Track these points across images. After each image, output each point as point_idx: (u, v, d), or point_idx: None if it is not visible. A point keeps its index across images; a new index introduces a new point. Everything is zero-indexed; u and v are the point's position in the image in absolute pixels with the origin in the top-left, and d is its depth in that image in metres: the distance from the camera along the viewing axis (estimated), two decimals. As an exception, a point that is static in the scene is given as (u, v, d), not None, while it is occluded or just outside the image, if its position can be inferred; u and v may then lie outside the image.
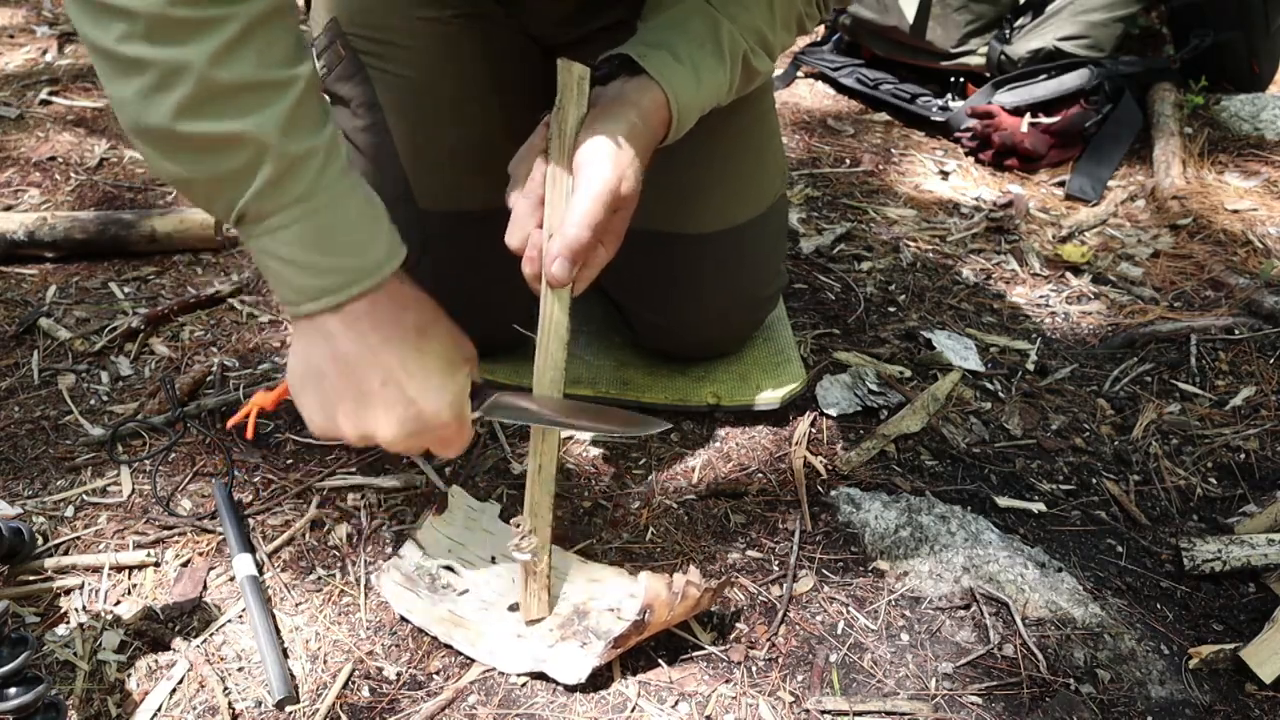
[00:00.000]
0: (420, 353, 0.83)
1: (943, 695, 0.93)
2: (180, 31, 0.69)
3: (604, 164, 0.86)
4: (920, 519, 1.11)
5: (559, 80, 0.90)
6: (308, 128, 0.75)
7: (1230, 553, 1.10)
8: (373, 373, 0.81)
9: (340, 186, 0.78)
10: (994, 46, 2.22)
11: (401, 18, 1.12)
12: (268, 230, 0.77)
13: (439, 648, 0.95)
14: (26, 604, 0.99)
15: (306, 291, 0.79)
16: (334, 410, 0.83)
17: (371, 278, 0.80)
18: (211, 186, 0.75)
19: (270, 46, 0.73)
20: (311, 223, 0.76)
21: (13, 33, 2.40)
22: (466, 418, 0.87)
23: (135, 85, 0.71)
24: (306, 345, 0.82)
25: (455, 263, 1.19)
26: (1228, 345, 1.47)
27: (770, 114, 1.28)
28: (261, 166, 0.73)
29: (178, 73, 0.70)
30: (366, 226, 0.80)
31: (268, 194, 0.75)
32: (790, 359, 1.33)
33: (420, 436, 0.85)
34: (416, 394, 0.82)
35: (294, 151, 0.74)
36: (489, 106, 1.14)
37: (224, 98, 0.71)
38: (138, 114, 0.72)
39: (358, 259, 0.79)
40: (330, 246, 0.78)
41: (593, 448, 1.23)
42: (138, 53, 0.70)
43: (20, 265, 1.54)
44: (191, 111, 0.71)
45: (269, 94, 0.73)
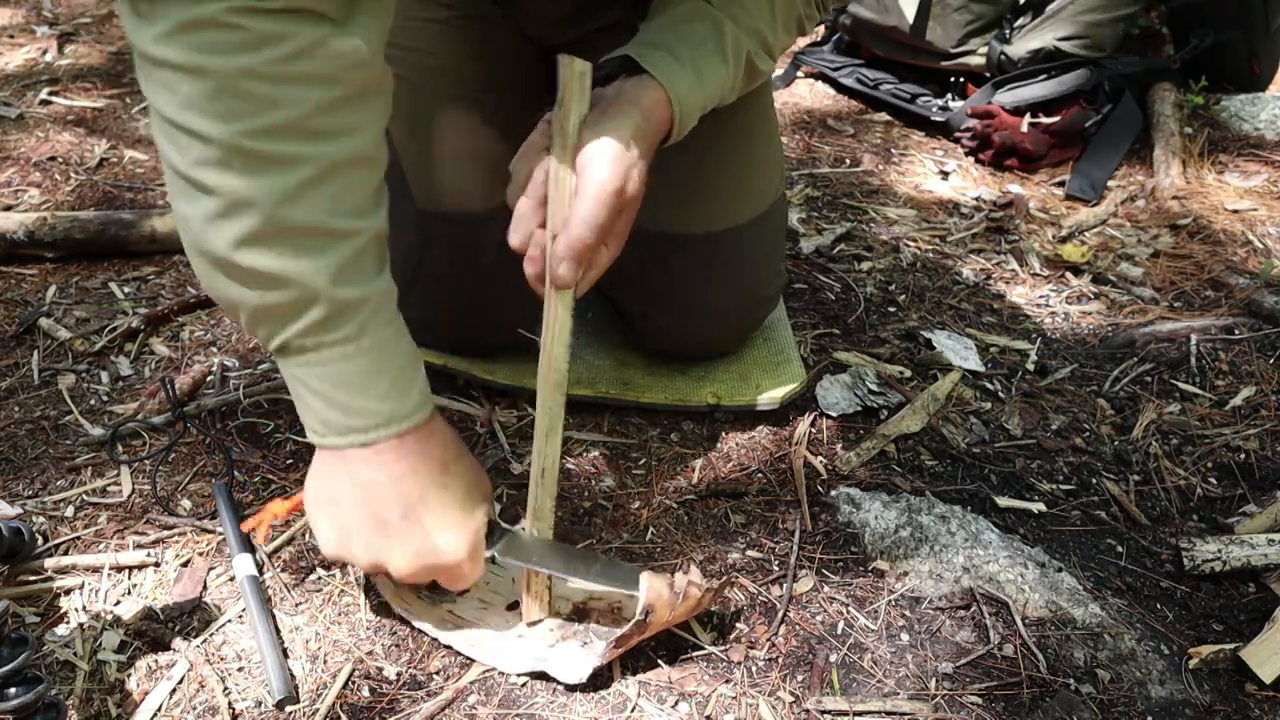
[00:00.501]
0: (442, 489, 0.83)
1: (943, 695, 0.93)
2: (254, 165, 0.70)
3: (608, 165, 0.85)
4: (920, 519, 1.11)
5: (560, 77, 0.89)
6: (364, 277, 0.77)
7: (1230, 553, 1.10)
8: (394, 505, 0.82)
9: (385, 334, 0.79)
10: (994, 46, 2.22)
11: (402, 18, 1.12)
12: (305, 364, 0.78)
13: (439, 648, 0.95)
14: (26, 604, 0.99)
15: (335, 426, 0.80)
16: (349, 537, 0.84)
17: (403, 424, 0.80)
18: (258, 315, 0.76)
19: (343, 194, 0.74)
20: (352, 365, 0.77)
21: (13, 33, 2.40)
22: (480, 557, 0.87)
23: (201, 209, 0.72)
24: (328, 472, 0.83)
25: (455, 263, 1.19)
26: (1228, 345, 1.47)
27: (770, 114, 1.28)
28: (311, 307, 0.74)
29: (245, 205, 0.70)
30: (405, 374, 0.81)
31: (312, 333, 0.76)
32: (790, 359, 1.33)
33: (432, 571, 0.86)
34: (434, 529, 0.83)
35: (344, 298, 0.75)
36: (487, 106, 1.14)
37: (285, 238, 0.72)
38: (199, 236, 0.73)
39: (392, 405, 0.80)
40: (367, 391, 0.79)
41: (591, 448, 1.23)
42: (207, 179, 0.70)
43: (20, 265, 1.54)
44: (252, 244, 0.72)
45: (331, 242, 0.74)
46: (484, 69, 1.14)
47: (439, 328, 1.26)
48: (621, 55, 0.93)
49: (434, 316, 1.24)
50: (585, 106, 0.89)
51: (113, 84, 2.17)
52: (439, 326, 1.25)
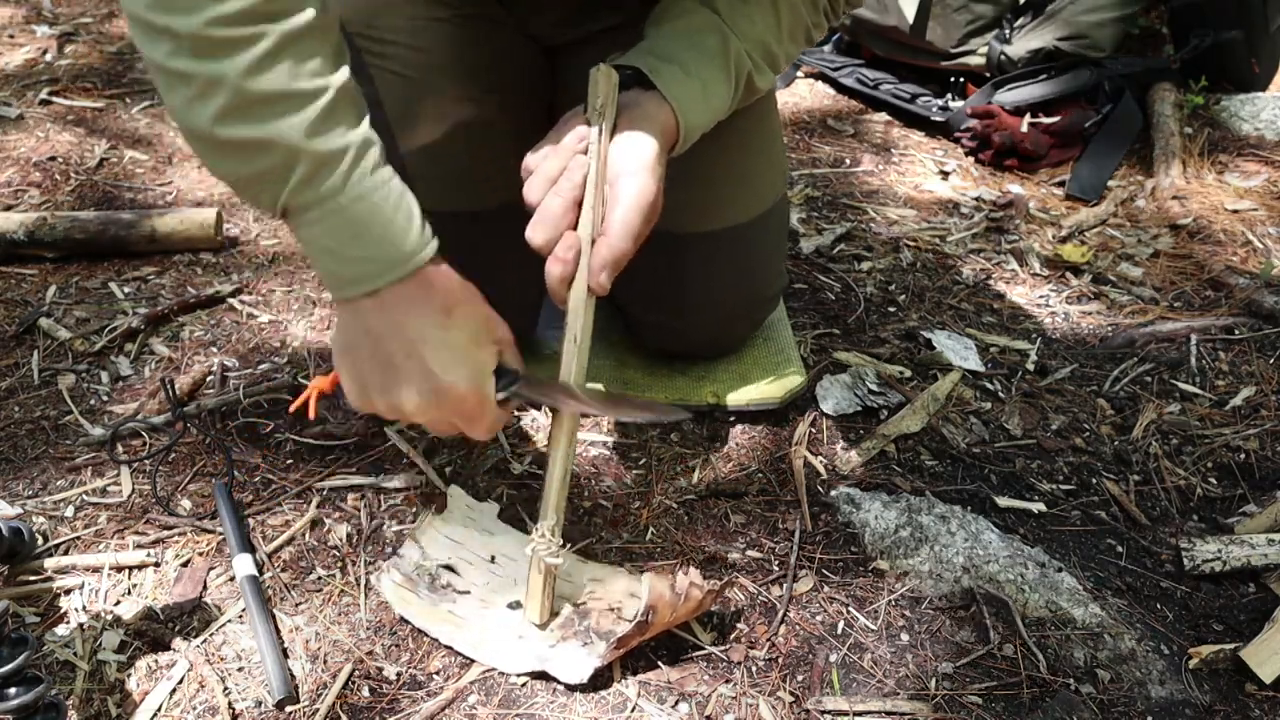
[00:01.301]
0: (444, 329, 0.86)
1: (943, 695, 0.93)
2: (218, 48, 0.76)
3: (646, 178, 0.91)
4: (920, 519, 1.11)
5: (596, 87, 0.93)
6: (338, 130, 0.81)
7: (1230, 553, 1.10)
8: (398, 346, 0.86)
9: (371, 182, 0.82)
10: (994, 46, 2.22)
11: (403, 17, 1.12)
12: (306, 223, 0.82)
13: (439, 648, 0.95)
14: (26, 604, 0.99)
15: (344, 278, 0.84)
16: (367, 384, 0.88)
17: (402, 268, 0.84)
18: (255, 183, 0.82)
19: (301, 59, 0.79)
20: (343, 216, 0.82)
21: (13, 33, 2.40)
22: (487, 394, 0.89)
23: (181, 95, 0.78)
24: (345, 323, 0.88)
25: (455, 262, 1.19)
26: (1228, 345, 1.47)
27: (771, 115, 1.28)
28: (295, 166, 0.79)
29: (215, 85, 0.76)
30: (399, 221, 0.84)
31: (301, 190, 0.80)
32: (790, 359, 1.33)
33: (441, 408, 0.88)
34: (436, 367, 0.86)
35: (322, 151, 0.80)
36: (490, 106, 1.14)
37: (256, 106, 0.78)
38: (185, 120, 0.79)
39: (390, 250, 0.84)
40: (363, 239, 0.83)
41: (591, 448, 1.23)
42: (182, 67, 0.77)
43: (20, 265, 1.54)
44: (228, 118, 0.78)
45: (298, 102, 0.78)
46: (485, 68, 1.14)
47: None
48: (633, 66, 0.95)
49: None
50: (613, 115, 0.93)
51: (113, 84, 2.17)
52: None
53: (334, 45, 0.83)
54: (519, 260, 0.95)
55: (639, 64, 0.96)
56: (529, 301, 1.28)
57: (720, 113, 1.02)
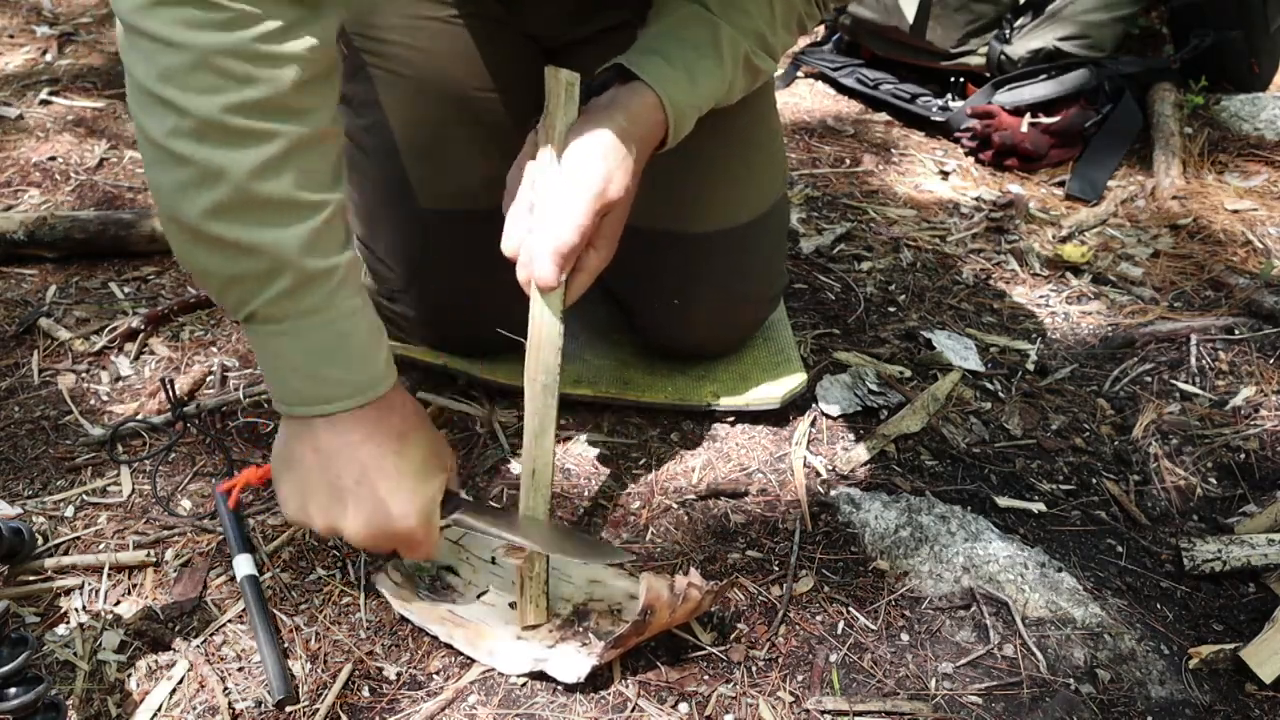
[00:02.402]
0: (398, 456, 0.85)
1: (943, 695, 0.93)
2: (227, 138, 0.72)
3: (590, 167, 0.87)
4: (920, 519, 1.11)
5: (547, 87, 0.91)
6: (330, 249, 0.79)
7: (1230, 553, 1.10)
8: (348, 469, 0.84)
9: (352, 304, 0.81)
10: (994, 46, 2.22)
11: (403, 17, 1.12)
12: (274, 333, 0.80)
13: (439, 648, 0.95)
14: (26, 604, 0.99)
15: (302, 396, 0.82)
16: (306, 500, 0.86)
17: (366, 394, 0.83)
18: (228, 283, 0.79)
19: (310, 168, 0.76)
20: (319, 335, 0.80)
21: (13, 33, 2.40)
22: (434, 525, 0.89)
23: (174, 177, 0.74)
24: (291, 438, 0.86)
25: (455, 262, 1.19)
26: (1228, 345, 1.47)
27: (771, 114, 1.28)
28: (279, 277, 0.77)
29: (217, 177, 0.73)
30: (370, 346, 0.83)
31: (281, 302, 0.78)
32: (790, 359, 1.33)
33: (385, 537, 0.87)
34: (387, 495, 0.84)
35: (312, 269, 0.77)
36: (489, 105, 1.14)
37: (255, 209, 0.74)
38: (172, 204, 0.75)
39: (357, 375, 0.83)
40: (333, 360, 0.81)
41: (591, 448, 1.23)
42: (183, 150, 0.72)
43: (20, 265, 1.54)
44: (222, 215, 0.74)
45: (299, 213, 0.76)
46: (486, 68, 1.14)
47: (439, 327, 1.26)
48: (615, 64, 0.94)
49: (434, 315, 1.24)
50: (572, 115, 0.91)
51: (113, 84, 2.16)
52: (439, 325, 1.25)
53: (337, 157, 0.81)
54: (516, 261, 0.95)
55: (619, 61, 0.94)
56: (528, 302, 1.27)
57: (716, 92, 0.99)
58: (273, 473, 0.89)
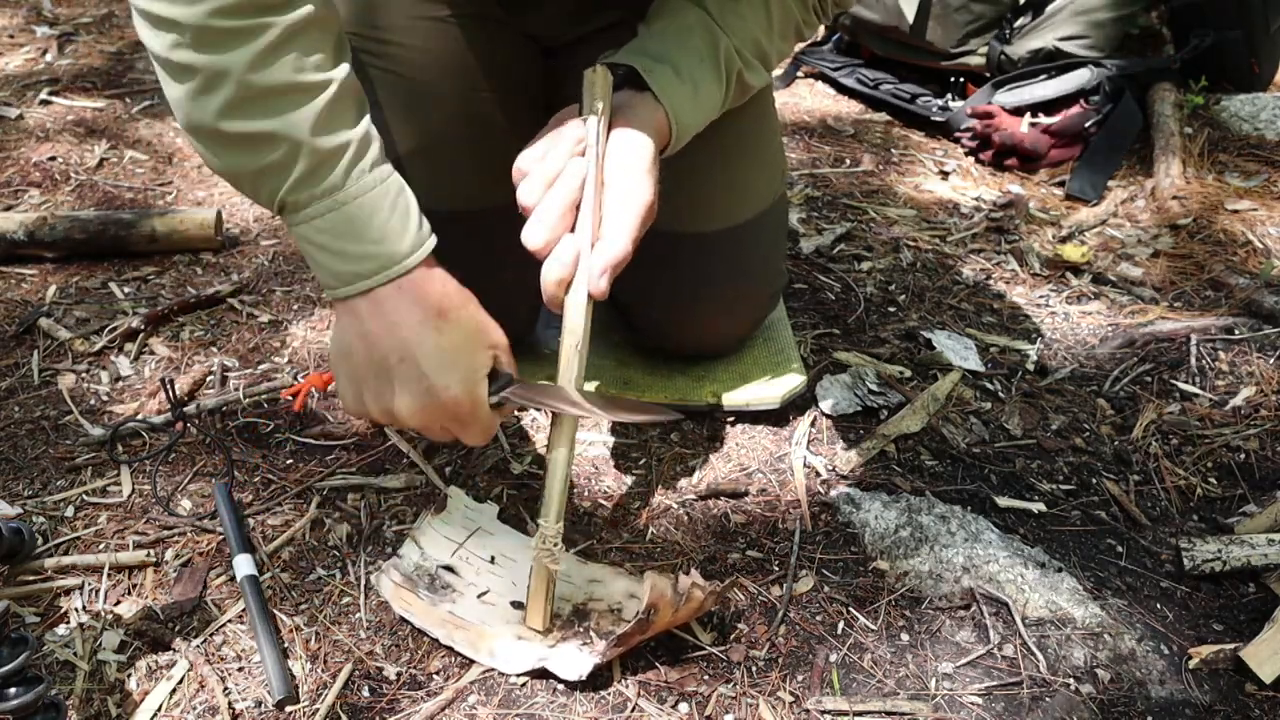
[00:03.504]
0: (438, 332, 0.86)
1: (943, 695, 0.93)
2: (221, 40, 0.76)
3: (642, 181, 0.91)
4: (920, 519, 1.11)
5: (593, 88, 0.93)
6: (340, 125, 0.81)
7: (1230, 553, 1.10)
8: (392, 349, 0.85)
9: (370, 179, 0.83)
10: (994, 46, 2.22)
11: (402, 17, 1.12)
12: (305, 219, 0.82)
13: (439, 648, 0.95)
14: (26, 604, 0.99)
15: (341, 277, 0.84)
16: (361, 388, 0.88)
17: (398, 266, 0.84)
18: (256, 178, 0.82)
19: (305, 53, 0.79)
20: (342, 212, 0.82)
21: (13, 33, 2.40)
22: (480, 398, 0.88)
23: (185, 88, 0.78)
24: (341, 325, 0.88)
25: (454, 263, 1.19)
26: (1228, 345, 1.47)
27: (770, 114, 1.28)
28: (296, 160, 0.79)
29: (220, 77, 0.77)
30: (396, 218, 0.84)
31: (302, 185, 0.81)
32: (790, 359, 1.33)
33: (434, 413, 0.87)
34: (429, 370, 0.85)
35: (325, 147, 0.80)
36: (488, 106, 1.14)
37: (261, 100, 0.78)
38: (188, 113, 0.79)
39: (386, 248, 0.84)
40: (360, 236, 0.83)
41: (591, 448, 1.23)
42: (186, 59, 0.77)
43: (20, 265, 1.54)
44: (232, 112, 0.78)
45: (302, 96, 0.79)
46: (485, 68, 1.14)
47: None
48: (627, 66, 0.94)
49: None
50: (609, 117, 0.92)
51: (113, 84, 2.17)
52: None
53: (335, 39, 0.83)
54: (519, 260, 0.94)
55: (633, 63, 0.95)
56: (529, 301, 1.27)
57: (712, 113, 1.02)
58: (331, 366, 0.90)
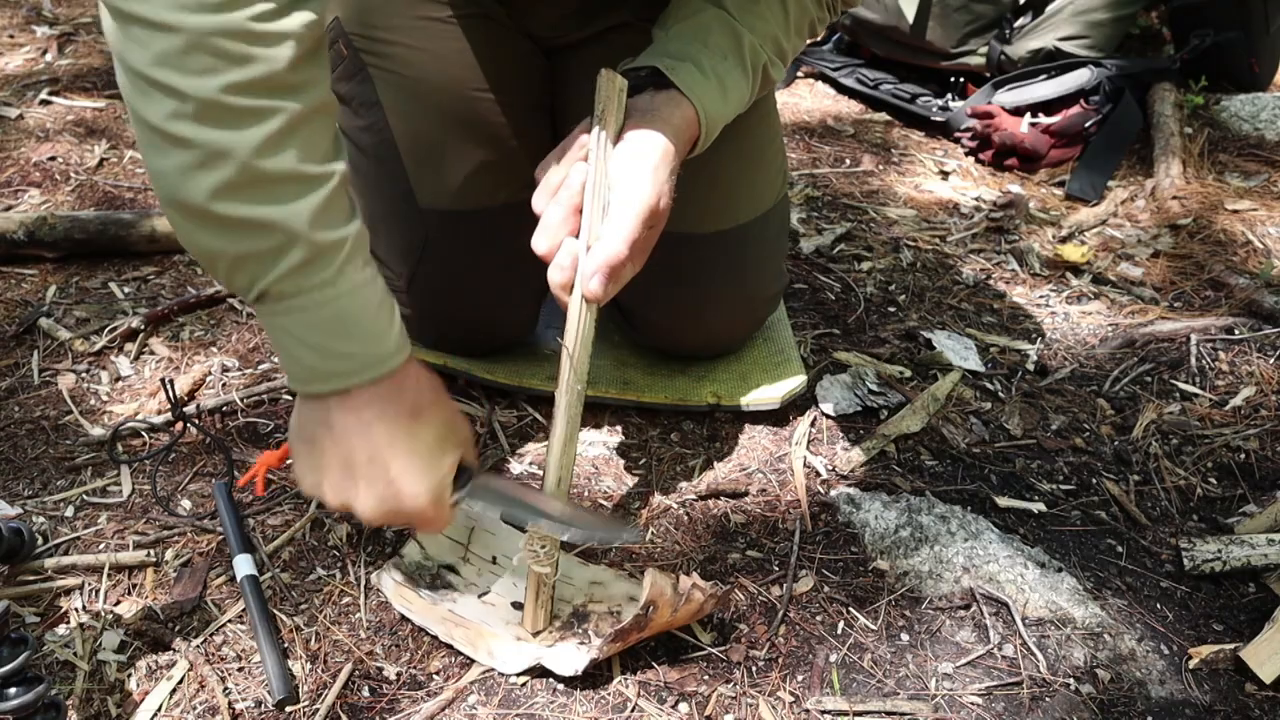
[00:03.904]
0: (410, 435, 0.84)
1: (943, 695, 0.93)
2: (229, 118, 0.72)
3: (645, 182, 0.88)
4: (920, 519, 1.11)
5: (601, 91, 0.92)
6: (337, 220, 0.78)
7: (1230, 553, 1.10)
8: (361, 448, 0.83)
9: (362, 277, 0.80)
10: (994, 46, 2.22)
11: (403, 17, 1.12)
12: (287, 310, 0.79)
13: (439, 648, 0.95)
14: (26, 604, 0.99)
15: (317, 373, 0.82)
16: (321, 477, 0.86)
17: (381, 368, 0.82)
18: (235, 263, 0.78)
19: (311, 141, 0.76)
20: (331, 309, 0.79)
21: (13, 33, 2.40)
22: (445, 503, 0.88)
23: (176, 161, 0.73)
24: (305, 416, 0.85)
25: (455, 262, 1.19)
26: (1228, 345, 1.47)
27: (772, 116, 1.28)
28: (289, 251, 0.76)
29: (221, 157, 0.72)
30: (383, 318, 0.83)
31: (292, 278, 0.77)
32: (790, 359, 1.33)
33: (396, 515, 0.86)
34: (398, 474, 0.84)
35: (322, 241, 0.77)
36: (490, 106, 1.14)
37: (263, 186, 0.74)
38: (175, 188, 0.75)
39: (370, 349, 0.82)
40: (346, 334, 0.81)
41: (591, 448, 1.23)
42: (183, 132, 0.72)
43: (20, 265, 1.53)
44: (229, 195, 0.74)
45: (305, 186, 0.76)
46: (486, 68, 1.14)
47: (439, 326, 1.26)
48: (650, 67, 0.94)
49: (434, 315, 1.24)
50: (621, 120, 0.91)
51: (112, 84, 2.16)
52: (439, 325, 1.25)
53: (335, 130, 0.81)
54: (519, 260, 0.94)
55: (654, 64, 0.94)
56: (529, 302, 1.28)
57: (741, 104, 1.01)
58: (290, 450, 0.89)
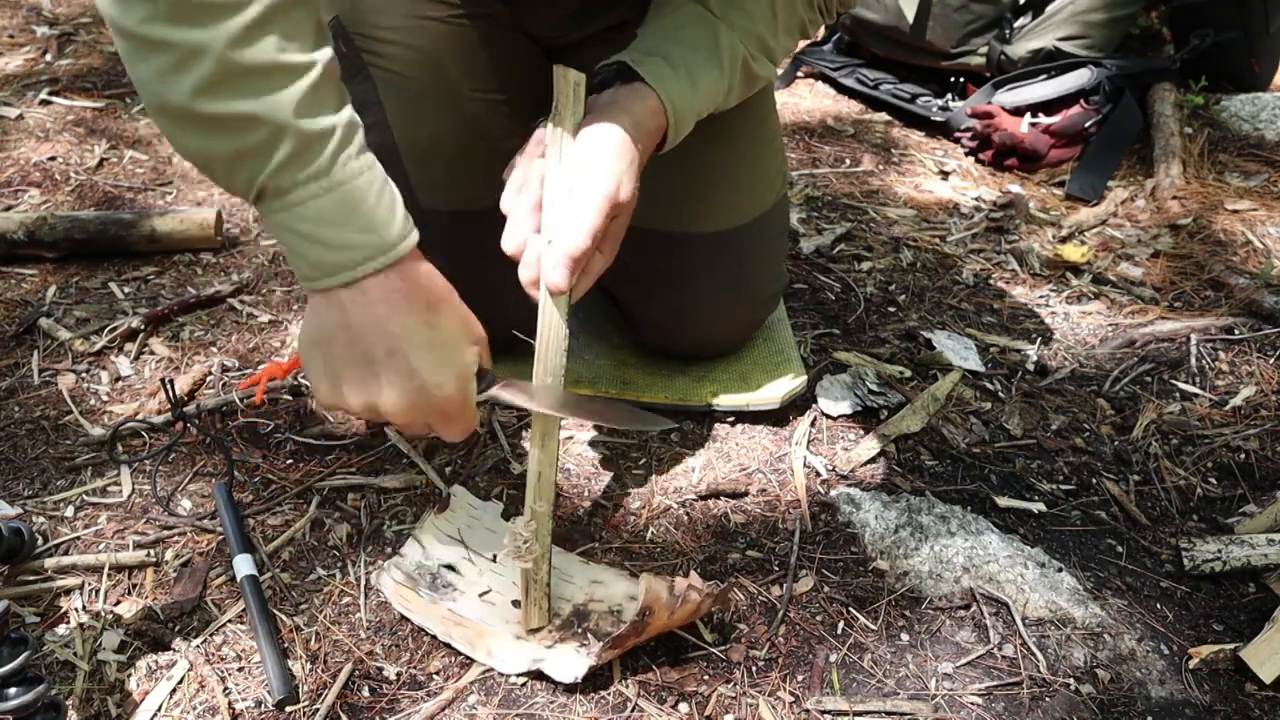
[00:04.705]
0: (428, 326, 0.83)
1: (943, 695, 0.93)
2: (201, 14, 0.71)
3: (602, 171, 0.87)
4: (920, 519, 1.11)
5: (555, 87, 0.91)
6: (325, 109, 0.77)
7: (1230, 553, 1.10)
8: (379, 342, 0.82)
9: (357, 165, 0.79)
10: (994, 46, 2.22)
11: (403, 17, 1.12)
12: (286, 206, 0.78)
13: (439, 648, 0.95)
14: (26, 604, 0.99)
15: (323, 267, 0.80)
16: (340, 379, 0.84)
17: (386, 255, 0.81)
18: (231, 162, 0.77)
19: (289, 31, 0.74)
20: (328, 198, 0.78)
21: (13, 33, 2.40)
22: (470, 394, 0.86)
23: (155, 65, 0.73)
24: (319, 315, 0.83)
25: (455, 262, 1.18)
26: (1228, 345, 1.47)
27: (771, 115, 1.28)
28: (279, 144, 0.75)
29: (197, 54, 0.71)
30: (382, 205, 0.81)
31: (285, 170, 0.76)
32: (790, 359, 1.33)
33: (423, 409, 0.85)
34: (420, 365, 0.82)
35: (310, 130, 0.75)
36: (490, 106, 1.15)
37: (242, 79, 0.73)
38: (158, 92, 0.74)
39: (373, 236, 0.80)
40: (346, 223, 0.79)
41: (591, 448, 1.23)
42: (159, 34, 0.71)
43: (20, 265, 1.54)
44: (210, 91, 0.73)
45: (286, 77, 0.74)
46: (486, 68, 1.15)
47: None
48: (616, 62, 0.94)
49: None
50: (579, 115, 0.91)
51: (112, 84, 2.17)
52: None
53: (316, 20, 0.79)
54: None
55: (623, 59, 0.95)
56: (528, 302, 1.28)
57: (715, 97, 1.00)
58: (301, 358, 0.86)
